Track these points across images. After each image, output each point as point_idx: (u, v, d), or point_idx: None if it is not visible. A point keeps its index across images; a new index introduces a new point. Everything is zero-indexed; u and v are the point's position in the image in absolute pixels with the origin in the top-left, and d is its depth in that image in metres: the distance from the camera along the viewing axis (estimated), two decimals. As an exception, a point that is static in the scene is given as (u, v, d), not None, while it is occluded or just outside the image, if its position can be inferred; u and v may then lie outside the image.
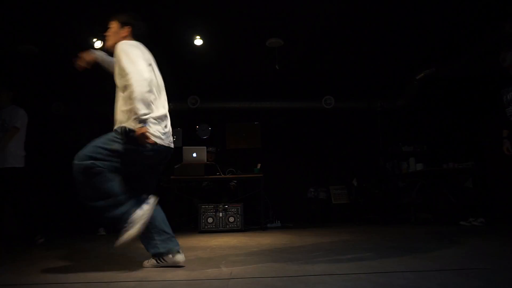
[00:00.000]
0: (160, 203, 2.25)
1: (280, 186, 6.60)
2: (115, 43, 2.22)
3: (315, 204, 6.04)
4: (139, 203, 2.11)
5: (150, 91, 2.11)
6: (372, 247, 2.86)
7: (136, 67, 2.07)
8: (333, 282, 1.71)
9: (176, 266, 2.19)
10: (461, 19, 4.37)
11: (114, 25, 2.35)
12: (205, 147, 5.02)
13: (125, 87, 2.10)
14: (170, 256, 2.19)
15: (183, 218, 5.22)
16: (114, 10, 2.37)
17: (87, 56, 2.41)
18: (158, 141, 2.15)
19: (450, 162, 5.26)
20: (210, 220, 4.61)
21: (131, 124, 2.06)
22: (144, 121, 2.03)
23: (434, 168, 5.36)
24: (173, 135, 2.36)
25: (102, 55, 2.46)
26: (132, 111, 2.04)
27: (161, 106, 2.25)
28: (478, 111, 5.96)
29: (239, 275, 1.94)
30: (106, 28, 2.36)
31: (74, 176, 2.04)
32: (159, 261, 2.21)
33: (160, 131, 2.18)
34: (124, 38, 2.28)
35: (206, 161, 4.95)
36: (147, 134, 2.05)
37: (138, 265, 2.27)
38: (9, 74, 5.43)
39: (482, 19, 4.34)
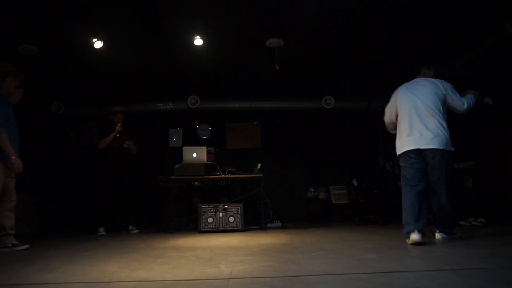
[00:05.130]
0: (160, 203, 2.25)
1: (280, 186, 6.61)
2: None
3: (315, 204, 6.03)
4: None
5: None
6: (372, 247, 2.86)
7: None
8: (333, 282, 1.71)
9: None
10: (461, 19, 4.37)
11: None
12: (205, 147, 5.01)
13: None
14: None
15: (183, 218, 5.23)
16: (114, 10, 2.37)
17: None
18: None
19: (450, 162, 5.25)
20: (210, 220, 4.61)
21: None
22: None
23: (434, 168, 5.34)
24: (173, 135, 2.36)
25: None
26: None
27: None
28: (478, 111, 5.94)
29: (239, 275, 1.94)
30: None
31: None
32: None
33: None
34: None
35: (206, 161, 4.96)
36: None
37: (138, 265, 2.27)
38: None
39: (482, 19, 4.34)
